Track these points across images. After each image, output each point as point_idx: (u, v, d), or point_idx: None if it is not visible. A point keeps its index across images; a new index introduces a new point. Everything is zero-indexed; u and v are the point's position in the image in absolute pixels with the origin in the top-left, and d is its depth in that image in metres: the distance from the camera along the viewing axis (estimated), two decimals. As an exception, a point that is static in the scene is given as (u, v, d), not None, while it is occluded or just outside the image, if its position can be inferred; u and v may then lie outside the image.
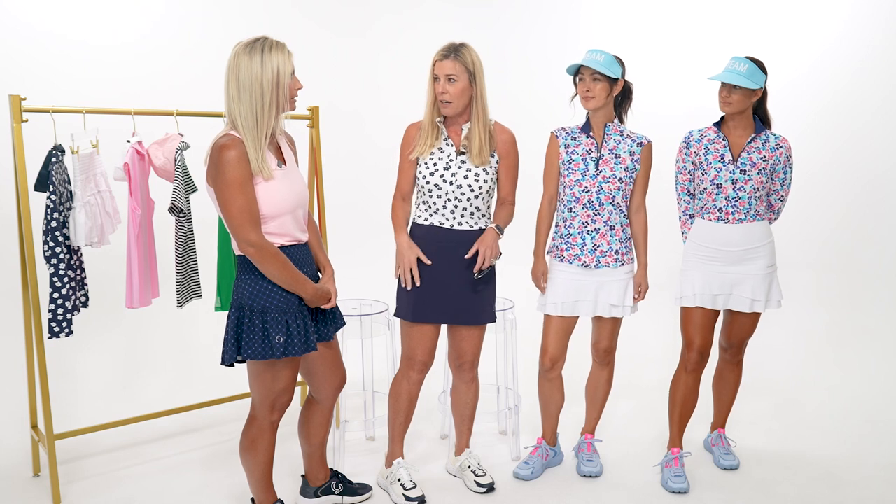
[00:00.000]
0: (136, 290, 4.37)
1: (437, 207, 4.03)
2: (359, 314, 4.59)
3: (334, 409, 3.99)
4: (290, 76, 3.29)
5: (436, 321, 4.13)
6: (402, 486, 4.23)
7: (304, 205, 3.51)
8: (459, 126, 4.05)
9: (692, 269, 4.39)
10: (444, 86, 3.89)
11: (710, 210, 4.33)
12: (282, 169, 3.39)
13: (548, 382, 4.47)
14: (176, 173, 4.35)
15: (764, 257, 4.33)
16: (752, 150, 4.25)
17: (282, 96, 3.28)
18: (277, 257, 3.30)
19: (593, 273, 4.27)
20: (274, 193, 3.31)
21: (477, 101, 3.97)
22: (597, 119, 4.26)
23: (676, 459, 4.46)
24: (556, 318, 4.34)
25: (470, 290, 4.08)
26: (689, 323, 4.42)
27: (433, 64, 3.93)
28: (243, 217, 3.23)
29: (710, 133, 4.36)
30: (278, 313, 3.36)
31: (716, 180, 4.25)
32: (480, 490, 4.25)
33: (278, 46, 3.28)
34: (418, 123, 4.09)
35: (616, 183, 4.21)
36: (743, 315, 4.45)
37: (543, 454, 4.57)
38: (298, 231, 3.48)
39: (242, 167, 3.20)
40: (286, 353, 3.36)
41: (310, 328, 3.46)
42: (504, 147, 4.09)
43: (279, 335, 3.34)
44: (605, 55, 4.10)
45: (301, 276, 3.38)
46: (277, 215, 3.35)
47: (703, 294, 4.34)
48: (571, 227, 4.29)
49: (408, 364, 4.23)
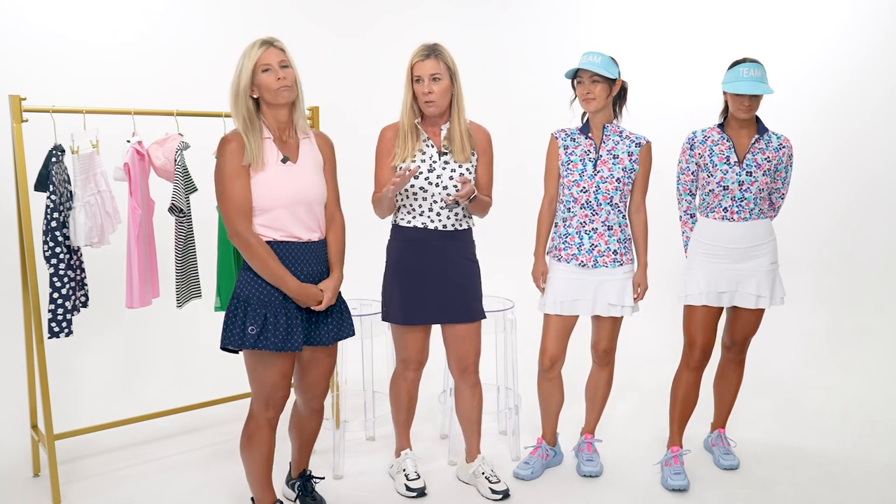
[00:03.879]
0: (136, 290, 4.37)
1: (423, 209, 4.03)
2: (358, 314, 4.59)
3: (324, 411, 3.99)
4: (251, 70, 3.38)
5: (425, 322, 4.14)
6: (405, 475, 4.29)
7: (310, 203, 3.52)
8: (438, 127, 4.06)
9: (697, 268, 4.41)
10: (430, 85, 3.88)
11: (714, 209, 4.35)
12: (285, 165, 3.44)
13: (547, 382, 4.48)
14: (176, 173, 4.35)
15: (767, 254, 4.36)
16: (757, 152, 4.28)
17: (243, 89, 3.40)
18: (257, 250, 3.38)
19: (591, 273, 4.28)
20: (266, 186, 3.39)
21: (456, 99, 3.99)
22: (596, 120, 4.28)
23: (676, 458, 4.47)
24: (556, 318, 4.35)
25: (456, 288, 4.09)
26: (693, 321, 4.43)
27: (412, 66, 3.92)
28: (231, 207, 3.36)
29: (713, 134, 4.37)
30: (258, 305, 3.42)
31: (722, 182, 4.27)
32: (496, 497, 4.23)
33: (252, 45, 3.41)
34: (393, 126, 4.08)
35: (614, 183, 4.22)
36: (747, 312, 4.45)
37: (543, 454, 4.57)
38: (301, 228, 3.50)
39: (235, 159, 3.36)
40: (257, 346, 3.40)
41: (295, 327, 3.47)
42: (481, 144, 4.11)
43: (253, 326, 3.40)
44: (601, 56, 4.11)
45: (282, 273, 3.41)
46: (269, 209, 3.41)
47: (708, 292, 4.36)
48: (570, 227, 4.30)
49: (403, 365, 4.28)
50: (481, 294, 4.23)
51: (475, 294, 4.18)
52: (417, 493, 4.24)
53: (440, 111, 3.96)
